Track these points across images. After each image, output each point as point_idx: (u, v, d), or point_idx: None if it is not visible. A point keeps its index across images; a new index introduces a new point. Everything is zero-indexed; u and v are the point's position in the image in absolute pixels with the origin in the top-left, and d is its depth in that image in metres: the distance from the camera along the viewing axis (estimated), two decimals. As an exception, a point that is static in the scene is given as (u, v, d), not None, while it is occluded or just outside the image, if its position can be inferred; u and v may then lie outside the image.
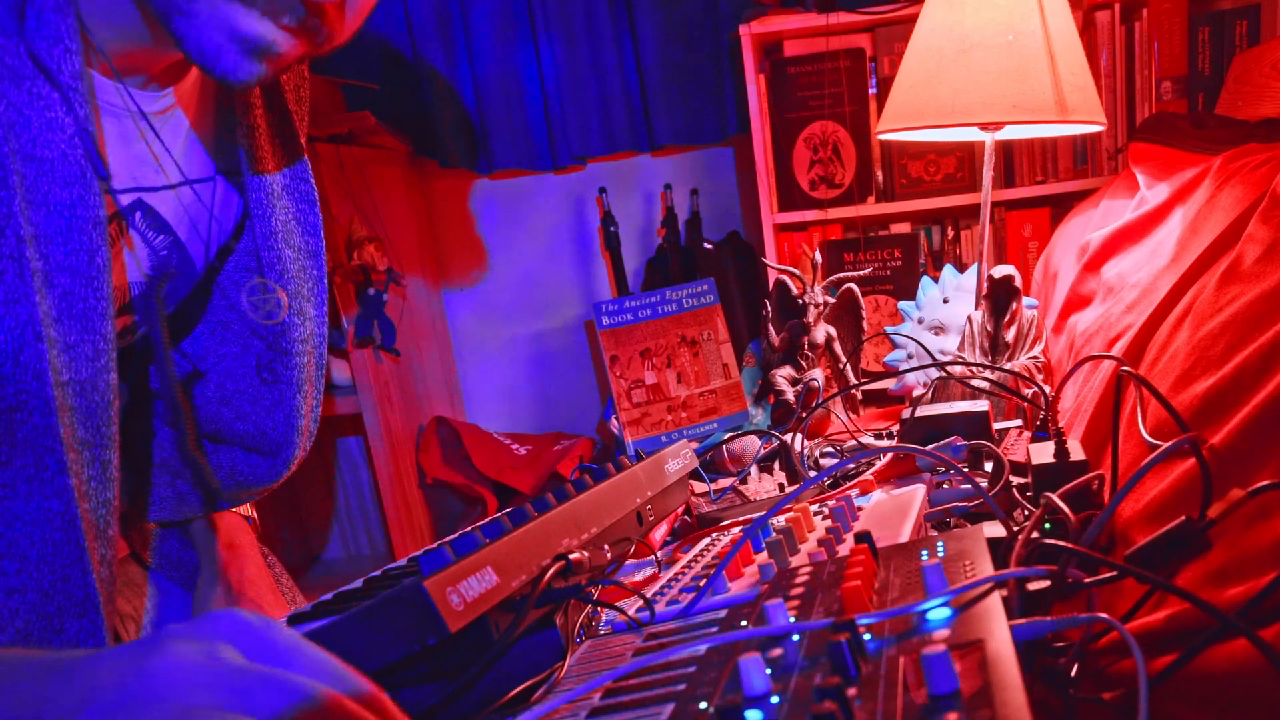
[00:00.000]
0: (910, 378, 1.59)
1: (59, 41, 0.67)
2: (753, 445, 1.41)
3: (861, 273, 1.66)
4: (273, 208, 0.91)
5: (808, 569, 0.66)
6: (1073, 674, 0.57)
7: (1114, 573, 0.63)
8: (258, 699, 0.39)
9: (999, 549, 0.70)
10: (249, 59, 0.69)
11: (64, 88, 0.68)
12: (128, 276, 0.85)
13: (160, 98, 0.82)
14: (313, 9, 0.69)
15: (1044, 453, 0.91)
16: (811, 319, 1.55)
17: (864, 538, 0.64)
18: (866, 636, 0.50)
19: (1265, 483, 0.63)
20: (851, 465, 1.10)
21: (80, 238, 0.70)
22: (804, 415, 1.38)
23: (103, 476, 0.75)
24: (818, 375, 1.53)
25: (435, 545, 0.74)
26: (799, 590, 0.62)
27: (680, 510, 1.09)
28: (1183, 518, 0.66)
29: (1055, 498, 0.75)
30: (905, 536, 0.76)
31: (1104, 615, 0.51)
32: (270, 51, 0.70)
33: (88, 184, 0.70)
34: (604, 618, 0.75)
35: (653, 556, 0.92)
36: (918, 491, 0.91)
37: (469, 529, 0.87)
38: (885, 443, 1.34)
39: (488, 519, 0.93)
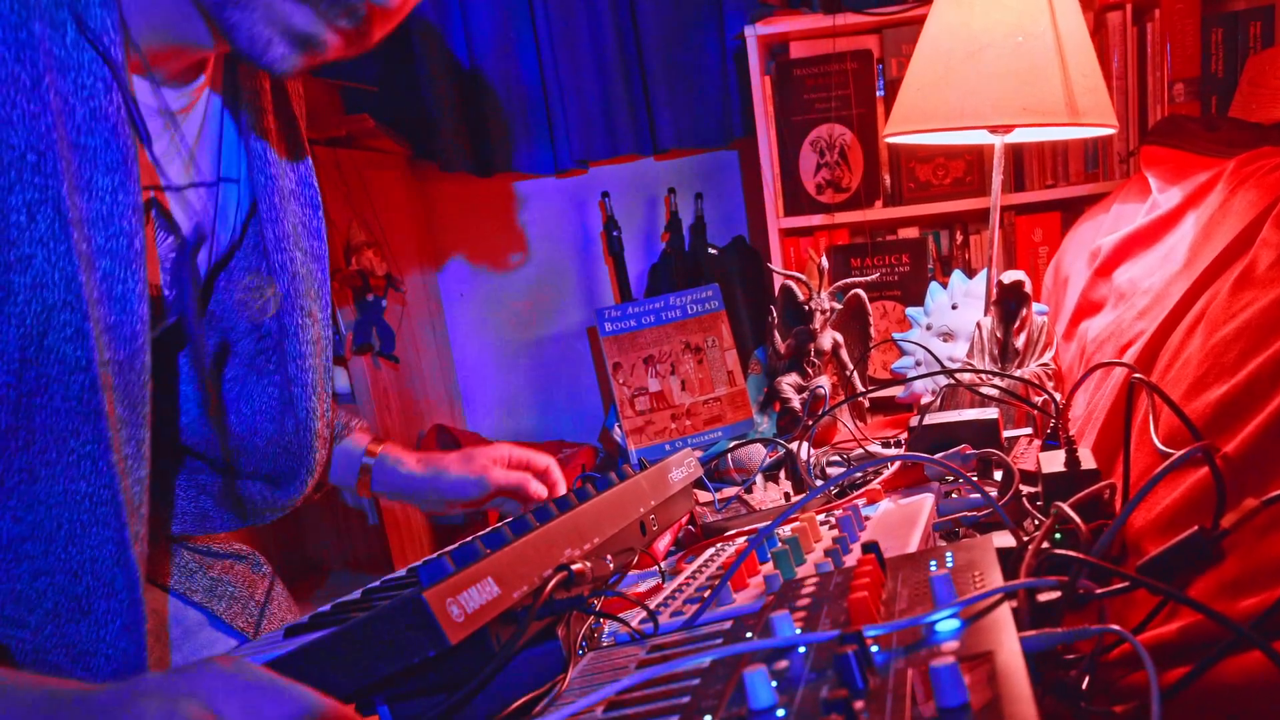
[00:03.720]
0: (918, 385, 1.58)
1: (104, 33, 0.70)
2: (758, 454, 1.40)
3: (869, 278, 1.65)
4: (284, 211, 0.93)
5: (814, 580, 0.66)
6: (1084, 686, 0.56)
7: (1126, 583, 0.63)
8: None
9: (1009, 559, 0.69)
10: (295, 52, 0.74)
11: (108, 79, 0.70)
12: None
13: (179, 95, 0.84)
14: (373, 13, 0.73)
15: (1054, 461, 0.90)
16: (818, 325, 1.54)
17: (871, 548, 0.64)
18: (874, 648, 0.49)
19: (1279, 492, 0.62)
20: (858, 474, 1.10)
21: (120, 222, 0.73)
22: (810, 423, 1.37)
23: (138, 455, 0.77)
24: (824, 382, 1.52)
25: (435, 555, 0.74)
26: (805, 601, 0.62)
27: (684, 520, 1.08)
28: (1195, 528, 0.65)
29: (1066, 507, 0.75)
30: (913, 547, 0.76)
31: (1115, 627, 0.50)
32: (317, 48, 0.74)
33: (129, 170, 0.72)
34: (606, 629, 0.75)
35: (656, 567, 0.91)
36: (926, 501, 0.91)
37: (469, 539, 0.86)
38: (893, 451, 1.34)
39: (488, 529, 0.92)
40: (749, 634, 0.60)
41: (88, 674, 0.75)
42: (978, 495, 0.92)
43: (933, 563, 0.63)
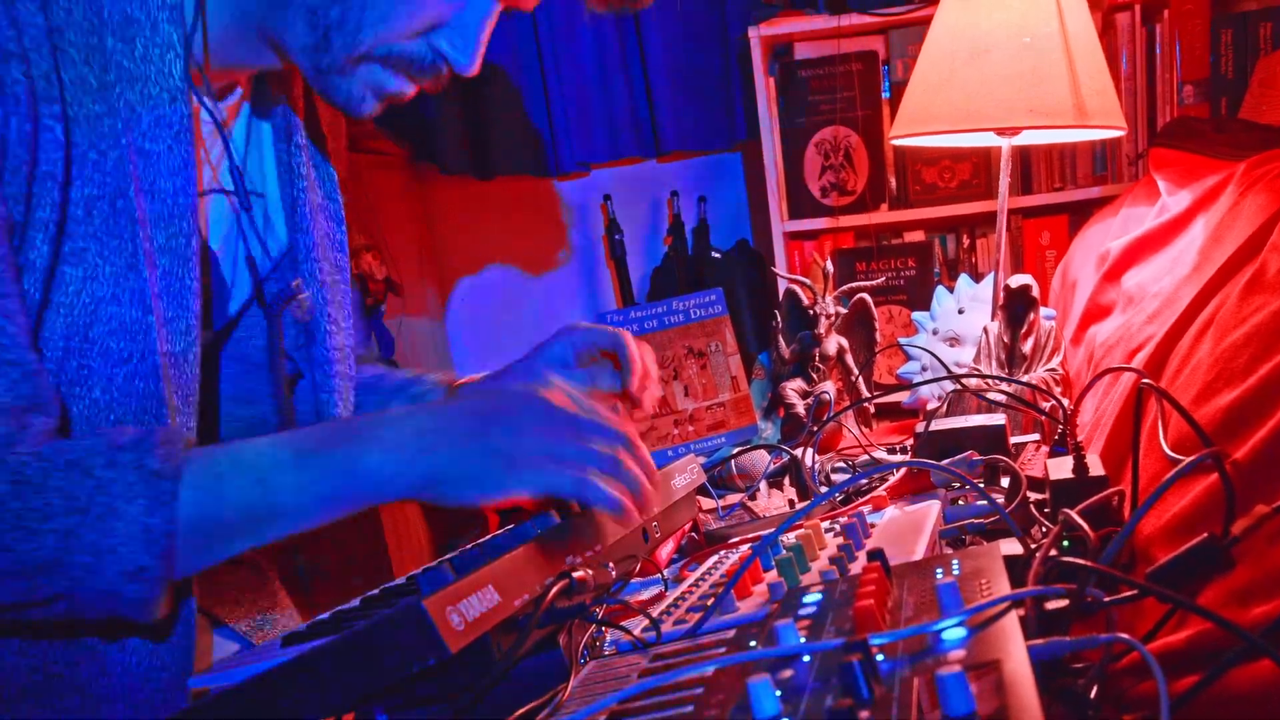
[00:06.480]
0: (924, 391, 1.57)
1: (170, 49, 0.75)
2: (762, 460, 1.39)
3: (874, 282, 1.64)
4: (313, 222, 0.97)
5: (819, 588, 0.65)
6: (1092, 696, 0.56)
7: (1134, 591, 0.63)
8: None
9: (1016, 567, 0.68)
10: (380, 102, 0.84)
11: (172, 90, 0.76)
12: None
13: (221, 107, 0.88)
14: (450, 70, 0.83)
15: (1062, 468, 0.90)
16: (823, 330, 1.54)
17: (877, 555, 0.64)
18: (879, 657, 0.49)
19: (1291, 499, 0.61)
20: (864, 481, 1.09)
21: (180, 223, 0.78)
22: (815, 429, 1.36)
23: None
24: (829, 388, 1.51)
25: (435, 563, 0.74)
26: (810, 610, 0.61)
27: (687, 527, 1.08)
28: (1205, 535, 0.65)
29: (1074, 514, 0.74)
30: (919, 554, 0.76)
31: (1124, 635, 0.50)
32: (397, 98, 0.85)
33: (189, 176, 0.78)
34: (609, 638, 0.74)
35: (659, 575, 0.91)
36: (932, 508, 0.90)
37: (470, 546, 0.86)
38: (899, 457, 1.33)
39: (489, 536, 0.92)
40: (753, 643, 0.59)
41: (122, 653, 0.76)
42: (984, 502, 0.91)
43: (939, 570, 0.62)
